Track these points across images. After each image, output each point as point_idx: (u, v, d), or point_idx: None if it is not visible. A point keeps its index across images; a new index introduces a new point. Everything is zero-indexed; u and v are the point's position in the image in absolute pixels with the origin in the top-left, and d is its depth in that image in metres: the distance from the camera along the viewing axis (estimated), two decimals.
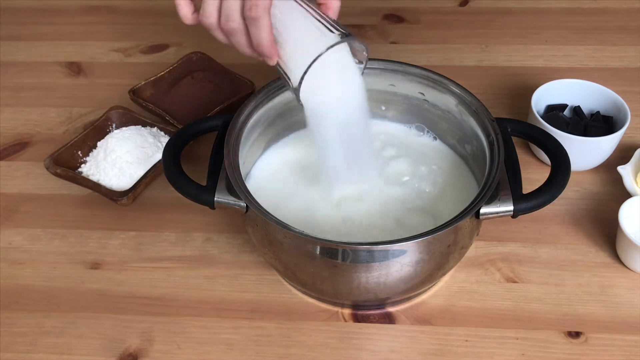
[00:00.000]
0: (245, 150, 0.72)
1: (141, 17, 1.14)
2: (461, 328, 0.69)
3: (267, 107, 0.74)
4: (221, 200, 0.64)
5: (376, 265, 0.61)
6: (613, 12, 1.10)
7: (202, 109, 0.89)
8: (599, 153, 0.82)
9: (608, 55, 1.01)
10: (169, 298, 0.73)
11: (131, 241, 0.78)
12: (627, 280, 0.72)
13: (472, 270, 0.74)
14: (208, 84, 0.94)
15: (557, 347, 0.67)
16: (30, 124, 0.94)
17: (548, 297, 0.71)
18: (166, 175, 0.66)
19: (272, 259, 0.67)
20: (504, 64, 1.01)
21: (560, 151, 0.67)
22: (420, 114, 0.79)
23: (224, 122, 0.71)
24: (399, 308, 0.71)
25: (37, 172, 0.86)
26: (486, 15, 1.11)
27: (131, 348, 0.68)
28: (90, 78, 1.02)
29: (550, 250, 0.76)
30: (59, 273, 0.75)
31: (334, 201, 0.72)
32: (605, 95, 0.85)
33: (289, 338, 0.69)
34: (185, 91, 0.93)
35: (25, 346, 0.69)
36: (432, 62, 1.00)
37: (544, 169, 0.82)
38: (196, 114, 0.89)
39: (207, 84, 0.94)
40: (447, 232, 0.61)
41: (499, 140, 0.67)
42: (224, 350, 0.68)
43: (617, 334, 0.68)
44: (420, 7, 1.12)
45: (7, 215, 0.82)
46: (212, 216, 0.79)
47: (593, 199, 0.81)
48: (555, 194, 0.64)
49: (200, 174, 0.67)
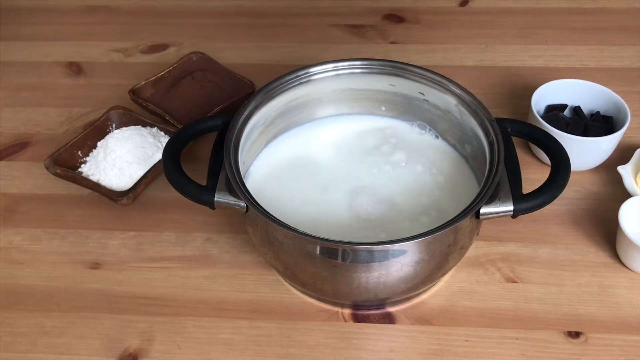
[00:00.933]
0: (245, 150, 0.72)
1: (141, 17, 1.14)
2: (461, 328, 0.69)
3: (267, 107, 0.74)
4: (221, 200, 0.65)
5: (376, 265, 0.61)
6: (613, 12, 1.10)
7: (202, 109, 0.89)
8: (599, 153, 0.82)
9: (608, 55, 1.01)
10: (169, 298, 0.73)
11: (131, 241, 0.78)
12: (627, 280, 0.72)
13: (472, 270, 0.74)
14: (208, 84, 0.94)
15: (557, 347, 0.67)
16: (30, 124, 0.94)
17: (548, 297, 0.71)
18: (166, 175, 0.66)
19: (272, 259, 0.67)
20: (504, 64, 1.01)
21: (560, 151, 0.67)
22: (421, 114, 0.79)
23: (224, 122, 0.71)
24: (399, 308, 0.71)
25: (37, 172, 0.86)
26: (486, 15, 1.11)
27: (131, 348, 0.68)
28: (90, 78, 1.02)
29: (550, 250, 0.76)
30: (59, 273, 0.75)
31: (334, 199, 0.72)
32: (605, 95, 0.85)
33: (289, 338, 0.69)
34: (185, 91, 0.93)
35: (25, 346, 0.69)
36: (432, 62, 1.00)
37: (544, 169, 0.82)
38: (196, 114, 0.89)
39: (207, 84, 0.94)
40: (447, 232, 0.61)
41: (499, 140, 0.67)
42: (224, 350, 0.68)
43: (617, 334, 0.68)
44: (420, 7, 1.12)
45: (7, 215, 0.82)
46: (212, 216, 0.79)
47: (593, 199, 0.81)
48: (555, 194, 0.64)
49: (200, 174, 0.67)
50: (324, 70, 0.76)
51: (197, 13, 1.14)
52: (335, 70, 0.77)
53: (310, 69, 0.76)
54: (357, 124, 0.81)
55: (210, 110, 0.88)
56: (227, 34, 1.09)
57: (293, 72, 0.75)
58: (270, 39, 1.08)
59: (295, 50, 1.05)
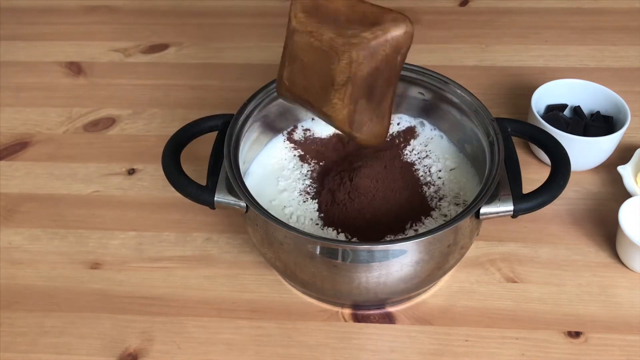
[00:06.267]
0: (245, 150, 0.72)
1: (141, 17, 1.14)
2: (461, 328, 0.69)
3: (267, 107, 0.74)
4: (221, 200, 0.65)
5: (376, 265, 0.61)
6: (613, 12, 1.10)
7: None
8: (599, 153, 0.82)
9: (608, 55, 1.01)
10: (169, 298, 0.73)
11: (131, 241, 0.78)
12: (627, 280, 0.72)
13: (472, 270, 0.74)
14: None
15: (557, 347, 0.67)
16: (30, 124, 0.94)
17: (548, 297, 0.71)
18: (166, 175, 0.66)
19: (272, 258, 0.67)
20: (504, 64, 1.01)
21: (560, 151, 0.67)
22: (421, 114, 0.79)
23: (224, 122, 0.71)
24: (399, 308, 0.71)
25: (37, 172, 0.87)
26: (486, 15, 1.11)
27: (131, 348, 0.68)
28: (90, 78, 1.02)
29: (550, 250, 0.76)
30: (59, 273, 0.75)
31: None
32: (605, 95, 0.85)
33: (289, 338, 0.69)
34: None
35: (25, 346, 0.69)
36: (432, 62, 1.00)
37: (544, 169, 0.82)
38: None
39: None
40: (447, 232, 0.61)
41: (499, 140, 0.67)
42: (224, 350, 0.68)
43: (617, 334, 0.68)
44: (420, 7, 1.12)
45: (7, 215, 0.82)
46: (212, 216, 0.79)
47: (593, 199, 0.81)
48: (555, 194, 0.64)
49: (200, 174, 0.68)
50: None
51: (197, 13, 1.14)
52: None
53: None
54: None
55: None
56: (227, 34, 1.09)
57: None
58: (270, 39, 1.08)
59: None
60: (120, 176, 0.86)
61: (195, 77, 1.01)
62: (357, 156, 0.75)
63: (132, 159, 0.88)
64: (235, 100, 0.75)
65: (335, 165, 0.75)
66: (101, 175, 0.86)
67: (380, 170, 0.72)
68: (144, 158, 0.88)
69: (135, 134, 0.92)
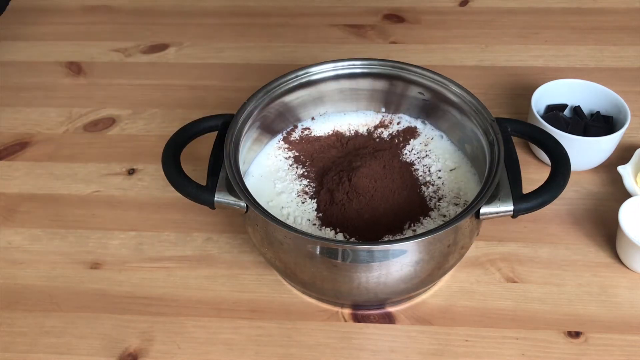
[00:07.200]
0: (245, 150, 0.72)
1: (141, 17, 1.14)
2: (461, 328, 0.69)
3: (267, 107, 0.74)
4: (221, 200, 0.65)
5: (376, 265, 0.61)
6: (613, 12, 1.10)
7: None
8: (599, 153, 0.82)
9: (608, 55, 1.01)
10: (169, 298, 0.73)
11: (131, 241, 0.78)
12: (627, 280, 0.72)
13: (472, 270, 0.74)
14: None
15: (557, 347, 0.67)
16: (30, 124, 0.94)
17: (548, 297, 0.71)
18: (166, 175, 0.66)
19: (272, 258, 0.67)
20: (504, 64, 1.01)
21: (560, 151, 0.67)
22: (421, 114, 0.79)
23: (224, 122, 0.71)
24: (399, 308, 0.71)
25: (37, 172, 0.87)
26: (486, 15, 1.11)
27: (131, 348, 0.68)
28: (90, 78, 1.02)
29: (550, 250, 0.76)
30: (59, 273, 0.75)
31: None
32: (605, 95, 0.85)
33: (289, 338, 0.69)
34: None
35: (25, 346, 0.69)
36: (432, 62, 1.00)
37: (544, 169, 0.82)
38: None
39: None
40: (447, 232, 0.61)
41: (499, 140, 0.67)
42: (224, 350, 0.68)
43: (617, 334, 0.68)
44: (420, 7, 1.12)
45: (7, 215, 0.82)
46: (212, 216, 0.79)
47: (593, 199, 0.81)
48: (555, 194, 0.64)
49: (200, 174, 0.67)
50: (324, 70, 0.76)
51: (197, 13, 1.14)
52: (335, 70, 0.77)
53: (310, 69, 0.76)
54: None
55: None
56: (227, 34, 1.09)
57: (293, 72, 0.75)
58: (270, 39, 1.08)
59: (295, 50, 1.05)
60: (120, 176, 0.86)
61: (195, 77, 1.01)
62: (357, 156, 0.75)
63: (132, 159, 0.88)
64: (235, 100, 0.76)
65: (335, 165, 0.75)
66: (101, 175, 0.86)
67: (379, 170, 0.72)
68: (144, 158, 0.88)
69: (135, 134, 0.92)
